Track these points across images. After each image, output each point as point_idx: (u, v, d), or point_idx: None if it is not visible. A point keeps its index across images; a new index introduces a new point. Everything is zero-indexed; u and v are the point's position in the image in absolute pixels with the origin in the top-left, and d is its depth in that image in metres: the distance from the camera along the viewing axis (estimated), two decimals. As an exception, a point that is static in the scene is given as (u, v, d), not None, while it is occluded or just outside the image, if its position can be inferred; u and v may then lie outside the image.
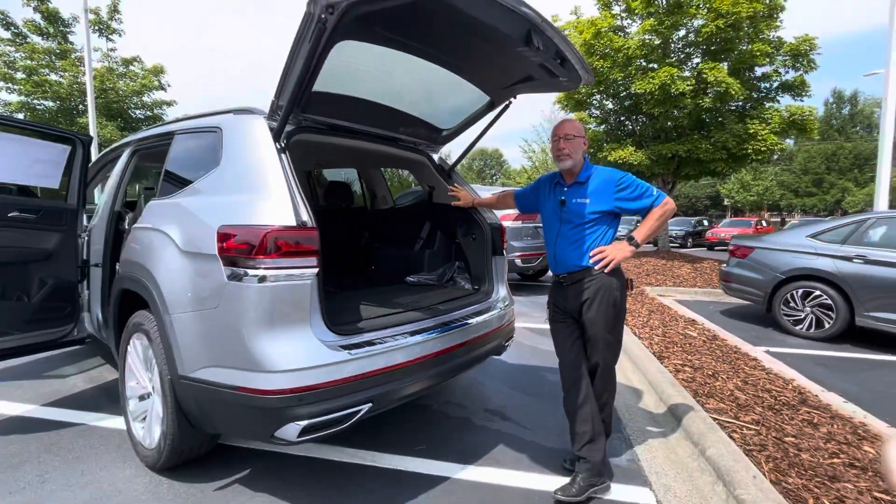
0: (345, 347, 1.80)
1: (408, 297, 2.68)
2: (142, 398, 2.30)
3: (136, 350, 2.26)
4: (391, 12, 1.70)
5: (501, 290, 2.83)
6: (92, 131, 12.38)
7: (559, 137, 2.09)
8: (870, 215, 5.00)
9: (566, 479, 2.10)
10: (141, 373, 2.26)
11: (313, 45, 1.63)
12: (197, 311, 1.78)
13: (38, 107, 16.04)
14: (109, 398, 3.01)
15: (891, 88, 8.01)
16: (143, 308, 2.18)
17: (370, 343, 1.90)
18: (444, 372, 2.21)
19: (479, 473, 2.23)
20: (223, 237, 1.72)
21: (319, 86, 1.98)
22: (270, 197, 1.75)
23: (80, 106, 16.48)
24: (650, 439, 2.61)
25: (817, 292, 4.95)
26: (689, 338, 4.41)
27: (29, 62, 15.33)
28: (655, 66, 9.30)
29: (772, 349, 4.53)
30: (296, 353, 1.68)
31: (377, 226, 3.67)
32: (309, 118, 2.23)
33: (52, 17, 15.89)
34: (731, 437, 2.41)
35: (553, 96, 15.86)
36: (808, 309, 5.03)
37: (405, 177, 8.88)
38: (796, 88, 9.01)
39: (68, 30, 16.49)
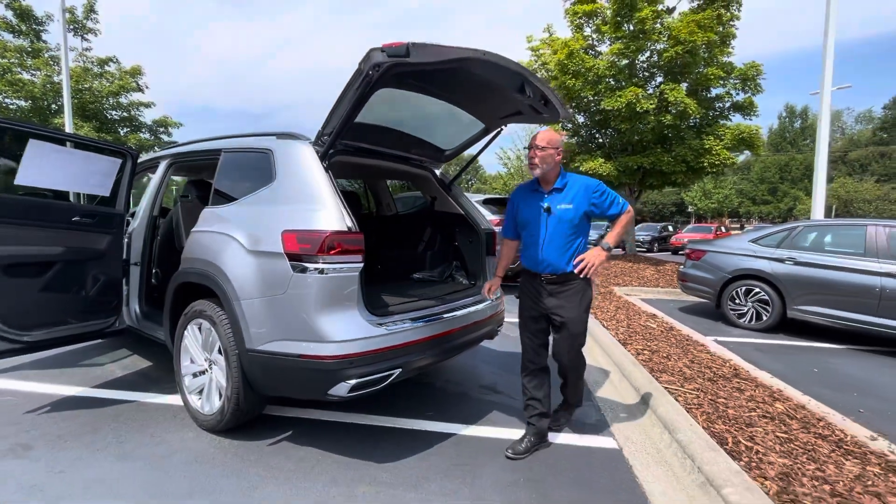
0: (381, 325, 2.32)
1: (417, 290, 3.21)
2: (195, 375, 2.74)
3: (194, 334, 2.71)
4: (420, 69, 2.24)
5: (493, 285, 3.40)
6: (68, 131, 12.32)
7: (532, 147, 2.39)
8: (799, 224, 5.86)
9: (551, 435, 2.68)
10: (198, 353, 2.70)
11: (361, 93, 2.15)
12: (265, 298, 2.26)
13: (10, 106, 15.68)
14: (150, 381, 3.40)
15: (824, 110, 9.06)
16: (204, 298, 2.63)
17: (397, 323, 2.43)
18: (453, 348, 2.75)
19: (480, 430, 2.78)
20: (288, 239, 2.22)
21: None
22: (325, 207, 2.25)
23: (54, 105, 16.22)
24: (614, 405, 3.22)
25: (757, 289, 5.75)
26: (649, 329, 5.10)
27: (1, 60, 15.00)
28: (623, 84, 10.15)
29: (719, 338, 5.27)
30: (347, 327, 2.19)
31: (383, 230, 4.18)
32: (343, 143, 2.73)
33: (25, 15, 15.62)
34: (676, 399, 3.05)
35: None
36: (749, 304, 5.83)
37: (399, 184, 9.40)
38: (745, 108, 10.06)
39: (42, 28, 16.23)
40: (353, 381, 2.15)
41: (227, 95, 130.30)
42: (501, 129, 3.26)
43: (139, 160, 3.38)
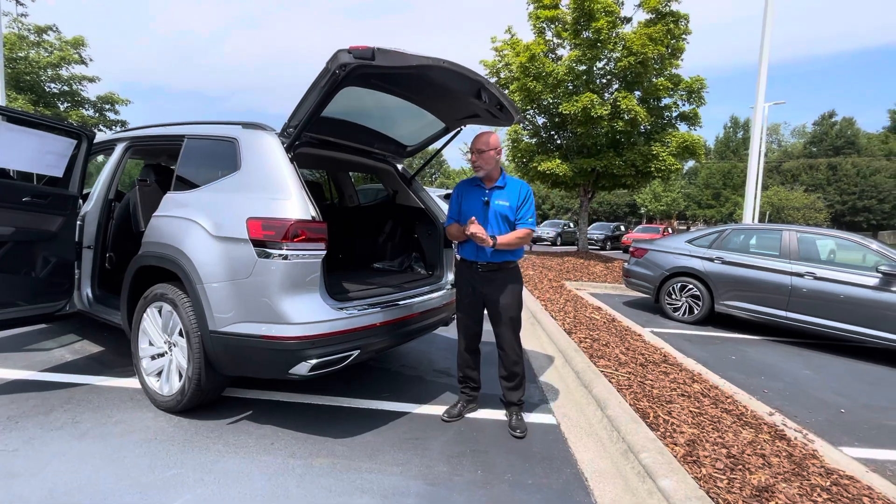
0: (341, 309, 2.47)
1: (376, 278, 3.38)
2: (154, 357, 2.79)
3: (154, 316, 2.75)
4: (385, 71, 2.40)
5: (449, 275, 3.61)
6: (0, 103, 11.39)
7: (473, 151, 2.62)
8: (727, 227, 6.47)
9: (493, 411, 2.95)
10: (157, 335, 2.75)
11: (327, 91, 2.28)
12: (229, 281, 2.36)
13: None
14: (103, 364, 3.38)
15: (757, 123, 9.93)
16: (165, 281, 2.68)
17: (358, 307, 2.59)
18: (409, 333, 2.94)
19: (431, 409, 3.00)
20: (253, 225, 2.33)
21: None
22: (290, 197, 2.37)
23: (-18, 75, 14.90)
24: (556, 387, 3.54)
25: (690, 286, 6.32)
26: (593, 320, 5.50)
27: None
28: (580, 89, 10.65)
29: (655, 329, 5.77)
30: (309, 310, 2.33)
31: (346, 221, 4.29)
32: (307, 135, 2.85)
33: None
34: (610, 381, 3.39)
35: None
36: (683, 299, 6.39)
37: (361, 176, 9.44)
38: (691, 119, 10.84)
39: (-32, -11, 14.81)
40: (313, 361, 2.30)
41: (179, 75, 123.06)
42: (461, 129, 3.47)
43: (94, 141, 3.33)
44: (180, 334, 2.58)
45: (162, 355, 2.75)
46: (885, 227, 42.38)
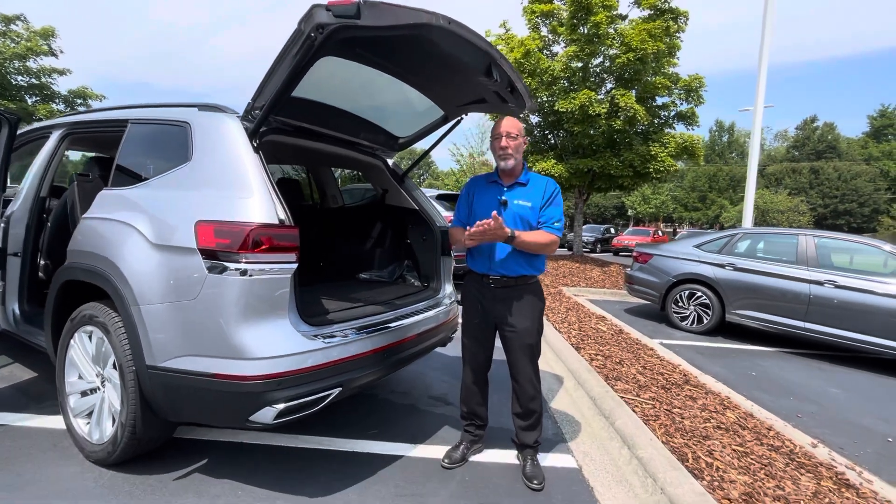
0: (318, 337, 1.96)
1: (363, 292, 2.86)
2: (84, 394, 2.24)
3: (83, 344, 2.20)
4: (373, 37, 1.90)
5: (447, 287, 3.12)
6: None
7: (501, 135, 2.11)
8: (738, 231, 6.10)
9: (503, 451, 2.46)
10: (87, 367, 2.20)
11: (300, 60, 1.78)
12: (171, 303, 1.83)
13: None
14: (29, 398, 2.80)
15: (756, 126, 9.64)
16: (96, 300, 2.14)
17: (339, 334, 2.08)
18: (401, 360, 2.44)
19: (428, 450, 2.49)
20: (203, 231, 1.80)
21: (294, 92, 2.12)
22: (252, 195, 1.86)
23: (-59, 65, 13.96)
24: (571, 417, 3.06)
25: (699, 293, 5.93)
26: (600, 332, 5.06)
27: None
28: (576, 87, 10.26)
29: (664, 341, 5.36)
30: (275, 341, 1.81)
31: (328, 223, 3.77)
32: (279, 120, 2.33)
33: None
34: (633, 410, 2.94)
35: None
36: (691, 307, 6.00)
37: (347, 174, 8.86)
38: (688, 119, 10.53)
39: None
40: (280, 406, 1.79)
41: (165, 72, 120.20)
42: (462, 119, 2.99)
43: (24, 129, 2.76)
44: (114, 367, 2.04)
45: (94, 391, 2.20)
46: (865, 231, 43.14)
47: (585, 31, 9.68)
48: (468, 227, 2.08)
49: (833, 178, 44.87)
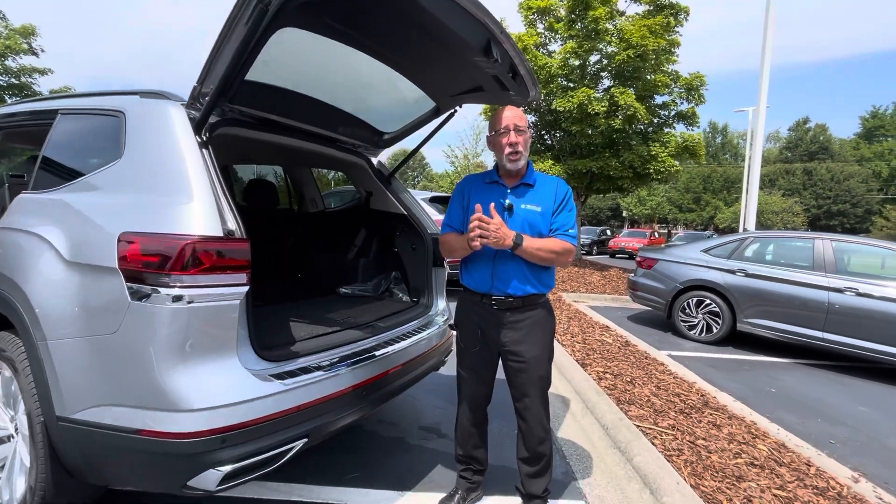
0: (277, 377, 1.57)
1: (343, 311, 2.48)
2: (-2, 441, 1.84)
3: (-7, 381, 1.80)
4: (346, 1, 1.53)
5: (440, 303, 2.75)
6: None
7: (508, 129, 1.73)
8: (748, 235, 5.77)
9: (505, 499, 2.08)
10: (-2, 410, 1.80)
11: (251, 30, 1.40)
12: (85, 338, 1.44)
13: None
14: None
15: (759, 126, 9.36)
16: (8, 328, 1.74)
17: (306, 370, 1.69)
18: (385, 395, 2.06)
19: (418, 500, 2.11)
20: (127, 246, 1.41)
21: (252, 74, 1.74)
22: (192, 199, 1.47)
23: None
24: (581, 449, 2.69)
25: (707, 301, 5.59)
26: (605, 344, 4.71)
27: None
28: (573, 85, 9.94)
29: (673, 353, 5.01)
30: (218, 386, 1.42)
31: (306, 230, 3.38)
32: (236, 109, 1.95)
33: None
34: (652, 443, 2.57)
35: (478, 106, 16.22)
36: (700, 316, 5.66)
37: (330, 176, 8.45)
38: (689, 118, 10.24)
39: None
40: (226, 468, 1.40)
41: (154, 75, 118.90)
42: (455, 112, 2.61)
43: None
44: (25, 413, 1.64)
45: (8, 439, 1.80)
46: (859, 231, 43.27)
47: (584, 26, 9.35)
48: (463, 233, 1.75)
49: (826, 179, 45.01)
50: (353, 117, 2.51)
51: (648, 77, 9.77)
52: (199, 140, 1.64)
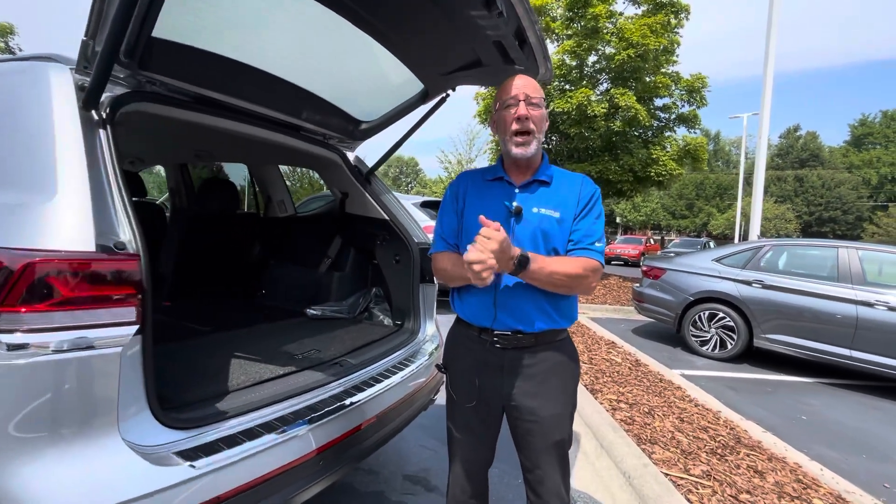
0: (186, 455, 1.08)
1: (308, 340, 1.99)
2: None
3: None
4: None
5: (429, 327, 2.27)
6: None
7: (518, 100, 1.26)
8: (764, 243, 5.37)
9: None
10: None
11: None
12: None
13: None
14: None
15: (763, 131, 9.02)
16: None
17: (239, 438, 1.21)
18: (356, 456, 1.57)
19: (400, 588, 1.63)
20: (-57, 268, 0.93)
21: (182, 34, 1.28)
22: (54, 196, 0.99)
23: None
24: (597, 502, 2.22)
25: (721, 314, 5.16)
26: (615, 364, 4.25)
27: None
28: (569, 87, 9.57)
29: (686, 372, 4.58)
30: (89, 480, 0.94)
31: (272, 239, 2.90)
32: (155, 79, 1.47)
33: None
34: (687, 499, 2.11)
35: (472, 108, 15.84)
36: (713, 330, 5.23)
37: (316, 178, 7.94)
38: (690, 121, 9.89)
39: None
40: None
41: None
42: (447, 96, 2.15)
43: None
44: None
45: None
46: (850, 238, 43.48)
47: (583, 25, 8.99)
48: (459, 250, 1.32)
49: (817, 186, 45.27)
50: (323, 101, 2.04)
51: (648, 79, 9.43)
52: (89, 114, 1.17)
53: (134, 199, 3.23)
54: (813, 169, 48.21)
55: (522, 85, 1.30)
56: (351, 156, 2.41)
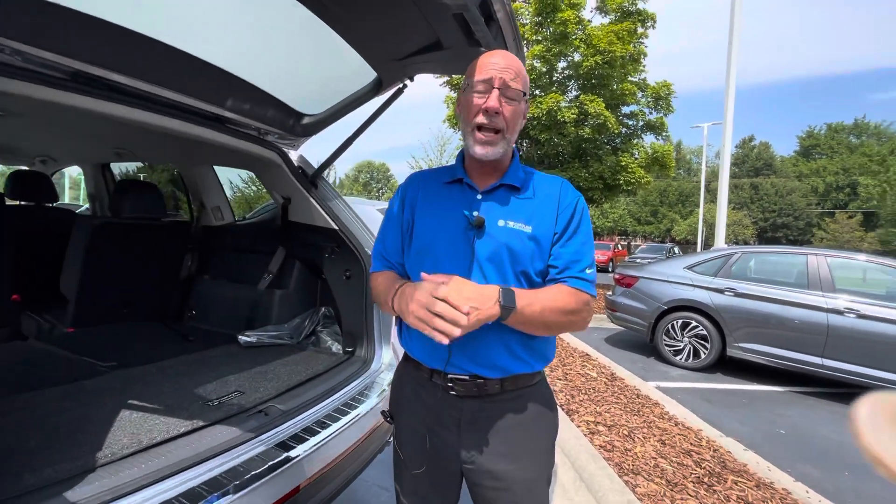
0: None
1: (232, 378, 1.63)
2: None
3: None
4: None
5: (385, 354, 1.95)
6: None
7: (492, 86, 0.97)
8: (735, 250, 5.33)
9: None
10: None
11: None
12: None
13: None
14: None
15: (727, 143, 9.19)
16: None
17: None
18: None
19: None
20: None
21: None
22: None
23: None
24: (582, 554, 1.95)
25: (694, 323, 5.07)
26: (590, 380, 4.04)
27: None
28: (540, 92, 9.49)
29: (661, 384, 4.44)
30: None
31: (204, 252, 2.51)
32: (29, 56, 1.11)
33: None
34: (678, 543, 1.87)
35: (442, 112, 15.66)
36: (686, 339, 5.12)
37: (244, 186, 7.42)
38: (657, 128, 10.00)
39: None
40: None
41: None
42: (404, 87, 1.86)
43: None
44: None
45: None
46: (801, 243, 45.87)
47: (551, 30, 8.93)
48: (403, 271, 1.10)
49: (771, 193, 47.63)
50: (254, 88, 1.71)
51: (615, 86, 9.46)
52: None
53: (47, 204, 2.78)
54: (767, 177, 50.74)
55: (502, 66, 0.99)
56: (293, 155, 2.07)
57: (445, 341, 0.84)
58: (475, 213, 1.01)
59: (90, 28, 1.21)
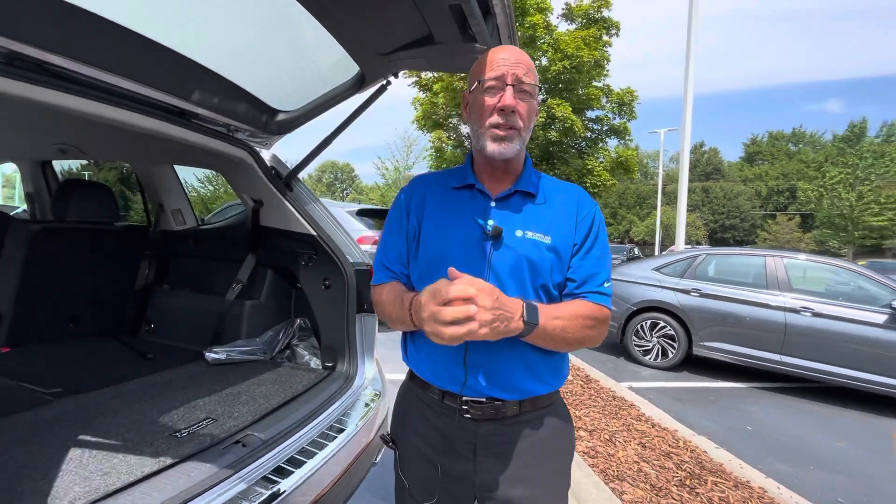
0: None
1: (201, 403, 1.46)
2: None
3: None
4: None
5: (368, 369, 1.83)
6: None
7: (505, 82, 0.90)
8: (699, 252, 5.51)
9: None
10: None
11: None
12: None
13: None
14: None
15: (686, 150, 9.58)
16: None
17: None
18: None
19: None
20: None
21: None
22: None
23: None
24: (575, 569, 1.90)
25: (662, 323, 5.20)
26: (566, 382, 4.04)
27: None
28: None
29: (634, 384, 4.52)
30: None
31: (163, 259, 2.29)
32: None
33: None
34: (669, 551, 1.86)
35: (410, 113, 15.47)
36: (654, 339, 5.25)
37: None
38: (621, 133, 10.30)
39: None
40: None
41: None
42: (388, 84, 1.75)
43: None
44: None
45: None
46: (747, 243, 48.81)
47: (520, 34, 9.00)
48: (411, 283, 1.00)
49: (720, 196, 50.45)
50: (223, 80, 1.55)
51: (581, 91, 9.66)
52: None
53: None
54: (716, 181, 53.72)
55: (513, 61, 0.91)
56: (266, 154, 1.91)
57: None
58: (491, 223, 0.92)
59: (27, 2, 1.03)
